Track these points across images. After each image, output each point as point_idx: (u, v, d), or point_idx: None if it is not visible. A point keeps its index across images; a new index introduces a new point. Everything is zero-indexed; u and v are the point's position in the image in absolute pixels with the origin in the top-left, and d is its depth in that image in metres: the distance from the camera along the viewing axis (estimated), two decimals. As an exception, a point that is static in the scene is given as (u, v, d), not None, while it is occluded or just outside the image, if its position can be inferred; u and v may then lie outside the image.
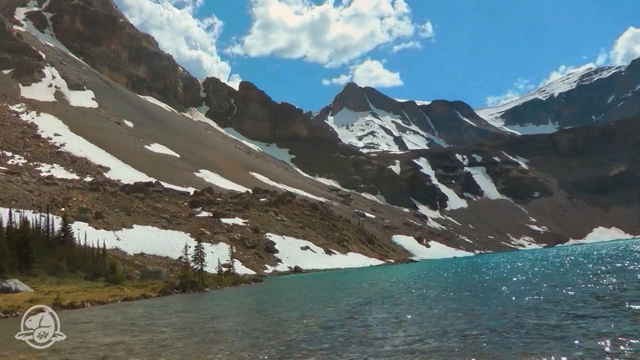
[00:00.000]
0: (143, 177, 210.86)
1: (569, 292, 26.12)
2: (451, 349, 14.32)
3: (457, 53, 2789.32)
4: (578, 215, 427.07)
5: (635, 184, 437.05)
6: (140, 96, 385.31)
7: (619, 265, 42.24)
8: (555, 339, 15.23)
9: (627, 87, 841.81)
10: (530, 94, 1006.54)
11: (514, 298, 27.88)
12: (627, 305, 18.26)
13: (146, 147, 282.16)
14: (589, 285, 28.72)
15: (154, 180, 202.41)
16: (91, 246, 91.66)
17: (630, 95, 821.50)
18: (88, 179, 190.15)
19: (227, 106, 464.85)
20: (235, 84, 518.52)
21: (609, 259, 50.59)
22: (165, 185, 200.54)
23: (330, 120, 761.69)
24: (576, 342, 14.53)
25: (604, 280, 29.88)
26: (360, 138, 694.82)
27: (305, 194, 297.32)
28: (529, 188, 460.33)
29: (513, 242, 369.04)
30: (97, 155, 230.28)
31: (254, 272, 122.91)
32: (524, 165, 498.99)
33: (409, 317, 22.99)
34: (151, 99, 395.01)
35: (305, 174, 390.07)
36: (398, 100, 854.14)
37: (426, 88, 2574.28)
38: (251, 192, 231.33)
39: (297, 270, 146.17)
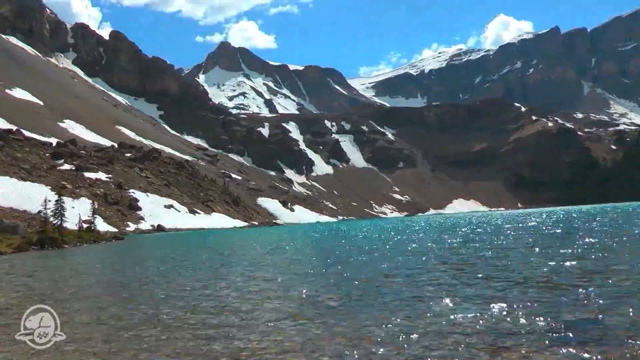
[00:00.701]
0: (2, 124, 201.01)
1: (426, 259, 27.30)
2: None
3: (334, 21, 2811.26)
4: (440, 187, 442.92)
5: (495, 161, 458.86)
6: (3, 36, 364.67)
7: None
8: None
9: (494, 70, 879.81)
10: (402, 67, 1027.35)
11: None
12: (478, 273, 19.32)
13: (7, 91, 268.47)
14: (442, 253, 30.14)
15: (14, 127, 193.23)
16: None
17: (496, 77, 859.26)
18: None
19: (96, 55, 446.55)
20: (105, 33, 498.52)
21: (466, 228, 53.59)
22: (27, 133, 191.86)
23: (201, 79, 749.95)
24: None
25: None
26: (230, 98, 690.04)
27: (172, 151, 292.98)
28: (395, 158, 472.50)
29: (375, 210, 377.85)
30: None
31: (115, 230, 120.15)
32: (391, 136, 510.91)
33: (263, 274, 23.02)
34: (14, 40, 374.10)
35: (173, 131, 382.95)
36: (271, 63, 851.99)
37: (300, 53, 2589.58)
38: (117, 146, 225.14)
39: (159, 228, 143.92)
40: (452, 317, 13.28)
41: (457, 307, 14.08)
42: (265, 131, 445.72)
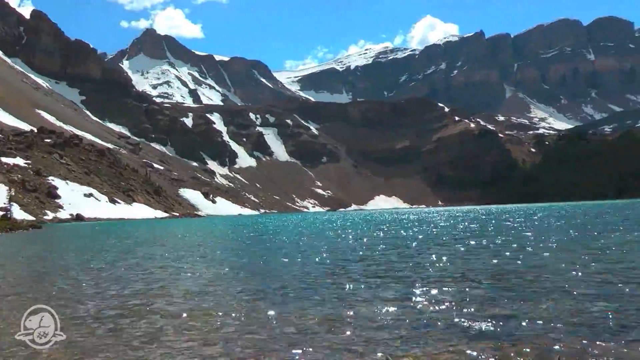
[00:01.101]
0: None
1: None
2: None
3: (262, 13, 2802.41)
4: (362, 183, 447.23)
5: (417, 159, 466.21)
6: None
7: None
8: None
9: (419, 70, 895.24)
10: (328, 63, 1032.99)
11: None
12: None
13: None
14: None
15: None
16: None
17: (421, 77, 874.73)
18: None
19: (15, 34, 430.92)
20: (26, 12, 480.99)
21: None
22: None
23: (125, 65, 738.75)
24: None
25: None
26: (154, 87, 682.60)
27: (93, 138, 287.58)
28: (318, 153, 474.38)
29: (298, 204, 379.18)
30: None
31: (33, 218, 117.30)
32: (315, 131, 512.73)
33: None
34: None
35: (94, 118, 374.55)
36: (197, 52, 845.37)
37: (227, 44, 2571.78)
38: (36, 131, 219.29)
39: (79, 218, 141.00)
40: (365, 313, 13.59)
41: (372, 304, 14.38)
42: (188, 121, 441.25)
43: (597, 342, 10.55)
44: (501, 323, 12.21)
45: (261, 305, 14.82)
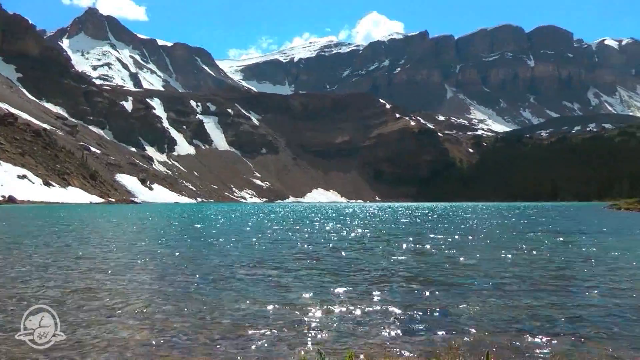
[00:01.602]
0: None
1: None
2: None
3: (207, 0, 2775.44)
4: (301, 175, 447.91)
5: (355, 154, 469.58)
6: None
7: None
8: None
9: (362, 65, 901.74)
10: (272, 54, 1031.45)
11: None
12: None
13: None
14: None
15: None
16: None
17: (364, 73, 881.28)
18: None
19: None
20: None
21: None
22: None
23: (65, 44, 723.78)
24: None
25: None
26: (95, 68, 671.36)
27: (29, 117, 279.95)
28: (258, 144, 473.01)
29: (235, 194, 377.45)
30: None
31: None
32: (255, 121, 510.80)
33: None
34: None
35: (31, 96, 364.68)
36: (140, 36, 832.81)
37: (170, 29, 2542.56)
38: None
39: (11, 200, 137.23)
40: (298, 308, 13.51)
41: (308, 301, 14.33)
42: (128, 105, 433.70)
43: (526, 336, 11.00)
44: (432, 319, 12.49)
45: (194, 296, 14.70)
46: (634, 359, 9.59)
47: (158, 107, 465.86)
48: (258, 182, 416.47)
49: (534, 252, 26.23)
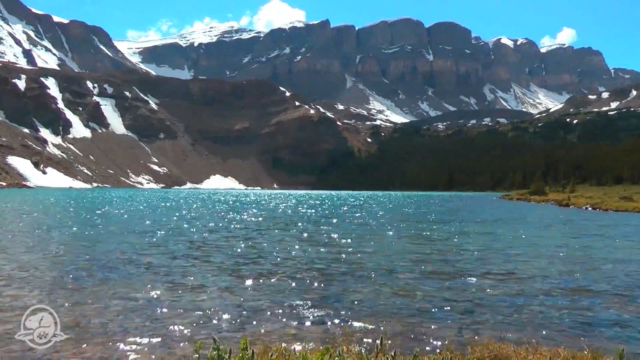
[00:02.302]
0: None
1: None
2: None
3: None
4: (199, 161, 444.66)
5: (254, 141, 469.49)
6: None
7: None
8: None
9: (263, 52, 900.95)
10: (172, 37, 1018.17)
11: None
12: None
13: None
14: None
15: None
16: None
17: (265, 60, 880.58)
18: None
19: None
20: None
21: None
22: None
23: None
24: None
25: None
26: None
27: None
28: (156, 128, 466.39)
29: (132, 180, 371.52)
30: None
31: None
32: (153, 105, 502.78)
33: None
34: None
35: None
36: (34, 10, 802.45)
37: (66, 5, 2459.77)
38: None
39: None
40: (191, 298, 14.07)
41: (204, 290, 14.84)
42: (21, 84, 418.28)
43: (419, 322, 11.71)
44: (327, 306, 13.03)
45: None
46: (518, 339, 10.24)
47: (53, 87, 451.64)
48: (156, 167, 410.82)
49: (430, 241, 27.76)
